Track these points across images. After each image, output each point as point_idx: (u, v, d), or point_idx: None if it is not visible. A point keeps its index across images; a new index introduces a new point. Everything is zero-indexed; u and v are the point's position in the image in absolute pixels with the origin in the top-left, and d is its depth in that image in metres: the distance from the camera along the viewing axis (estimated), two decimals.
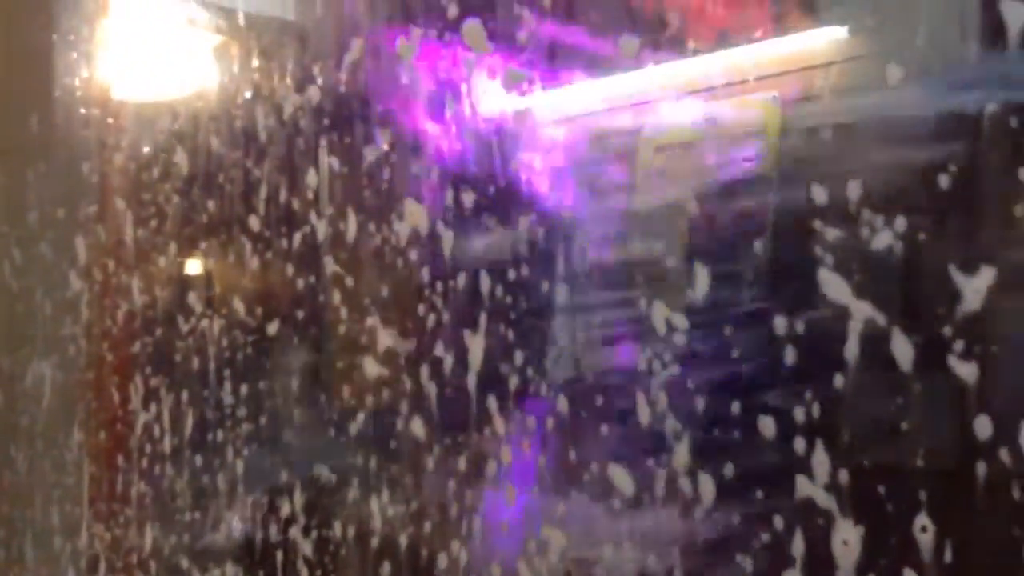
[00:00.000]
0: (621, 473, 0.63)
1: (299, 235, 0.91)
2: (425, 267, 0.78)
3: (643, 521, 0.63)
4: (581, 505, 0.67)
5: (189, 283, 1.10)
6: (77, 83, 1.33)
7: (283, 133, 0.94)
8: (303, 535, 0.89)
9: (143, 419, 1.13)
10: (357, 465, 0.84)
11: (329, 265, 0.88)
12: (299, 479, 0.91)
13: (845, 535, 0.52)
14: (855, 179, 0.51)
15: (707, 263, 0.60)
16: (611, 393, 0.66)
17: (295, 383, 0.96)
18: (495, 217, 0.75)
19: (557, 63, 0.72)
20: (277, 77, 0.96)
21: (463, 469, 0.75)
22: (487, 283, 0.73)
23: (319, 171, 0.90)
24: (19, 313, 1.38)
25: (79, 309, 1.26)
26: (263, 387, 0.97)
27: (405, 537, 0.79)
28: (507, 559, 0.71)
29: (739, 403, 0.57)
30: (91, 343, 1.25)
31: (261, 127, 0.97)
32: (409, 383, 0.80)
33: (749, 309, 0.60)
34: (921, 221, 0.50)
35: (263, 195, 0.96)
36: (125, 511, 1.16)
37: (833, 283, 0.52)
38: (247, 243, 0.98)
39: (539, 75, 0.72)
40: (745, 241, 0.60)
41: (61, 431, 1.29)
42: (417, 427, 0.79)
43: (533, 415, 0.71)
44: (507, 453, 0.72)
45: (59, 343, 1.30)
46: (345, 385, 0.90)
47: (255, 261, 0.97)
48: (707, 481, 0.58)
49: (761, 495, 0.56)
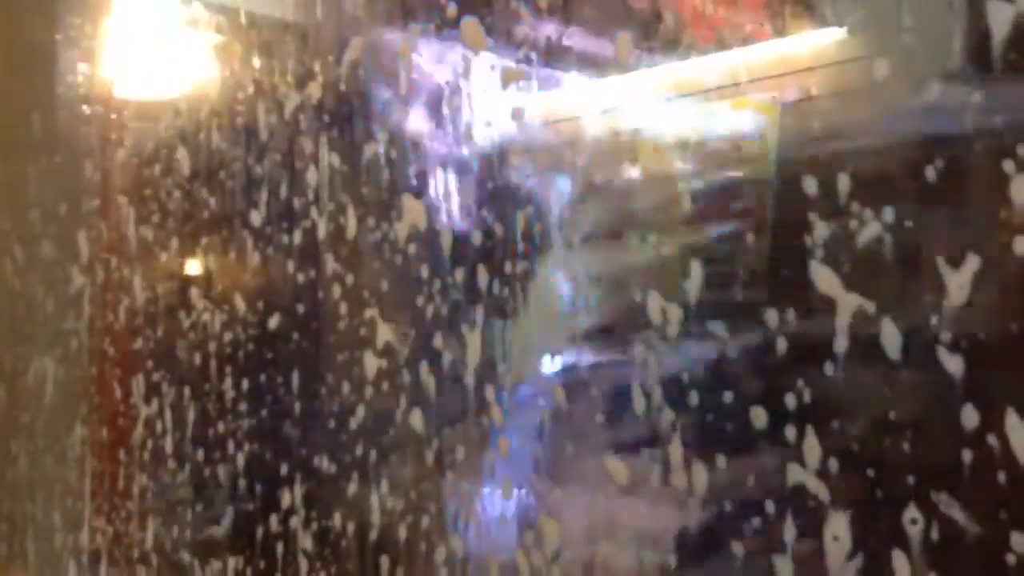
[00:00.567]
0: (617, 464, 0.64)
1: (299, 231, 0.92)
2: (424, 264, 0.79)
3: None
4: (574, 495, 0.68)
5: (190, 279, 1.11)
6: (79, 81, 1.34)
7: (284, 131, 0.95)
8: (303, 527, 0.90)
9: (144, 414, 1.13)
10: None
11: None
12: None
13: (835, 528, 0.53)
14: (847, 175, 0.52)
15: (703, 259, 0.61)
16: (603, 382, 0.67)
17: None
18: (492, 213, 0.75)
19: (556, 63, 0.73)
20: (278, 75, 0.97)
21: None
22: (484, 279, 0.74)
23: (319, 168, 0.91)
24: (21, 309, 1.39)
25: (81, 305, 1.27)
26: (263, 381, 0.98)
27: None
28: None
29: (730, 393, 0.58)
30: (93, 339, 1.26)
31: (262, 124, 0.98)
32: (408, 377, 0.81)
33: (743, 302, 0.61)
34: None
35: (264, 192, 0.97)
36: (127, 506, 1.17)
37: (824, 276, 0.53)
38: (248, 239, 0.99)
39: (536, 74, 0.72)
40: (742, 238, 0.61)
41: (63, 427, 1.29)
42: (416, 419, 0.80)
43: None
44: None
45: (61, 339, 1.30)
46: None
47: (255, 257, 0.98)
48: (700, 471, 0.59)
49: (752, 483, 0.57)
